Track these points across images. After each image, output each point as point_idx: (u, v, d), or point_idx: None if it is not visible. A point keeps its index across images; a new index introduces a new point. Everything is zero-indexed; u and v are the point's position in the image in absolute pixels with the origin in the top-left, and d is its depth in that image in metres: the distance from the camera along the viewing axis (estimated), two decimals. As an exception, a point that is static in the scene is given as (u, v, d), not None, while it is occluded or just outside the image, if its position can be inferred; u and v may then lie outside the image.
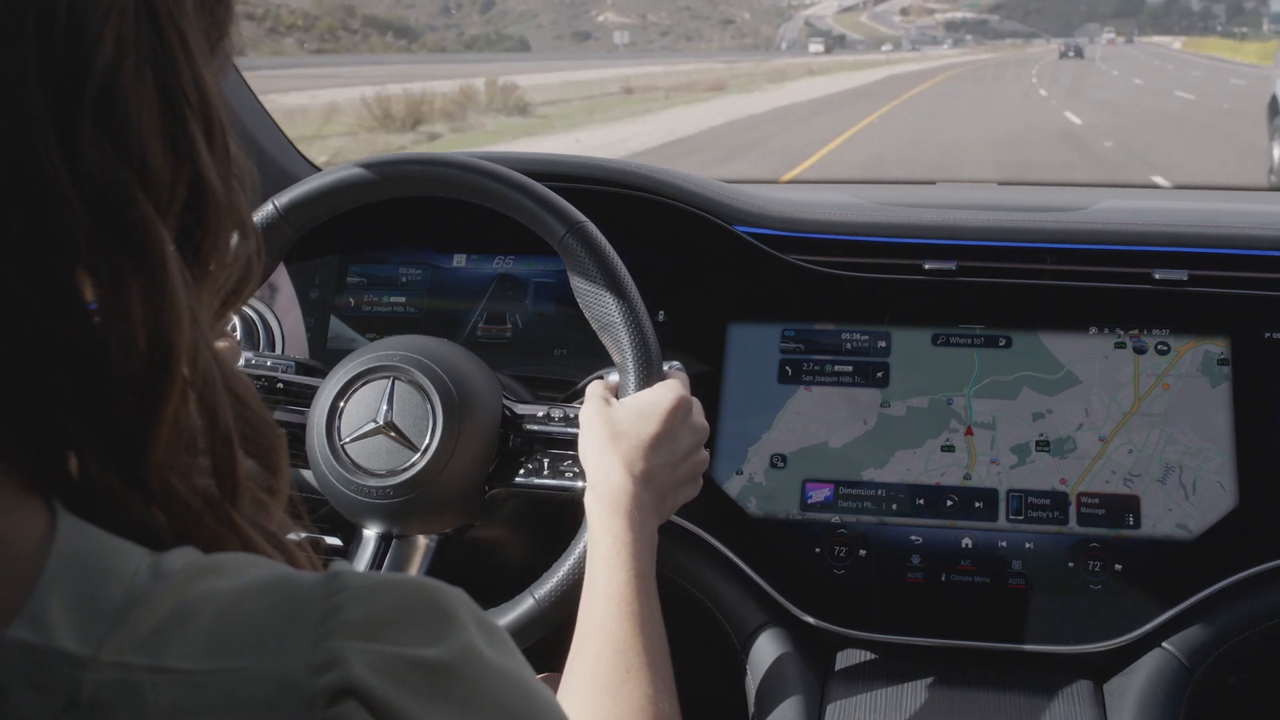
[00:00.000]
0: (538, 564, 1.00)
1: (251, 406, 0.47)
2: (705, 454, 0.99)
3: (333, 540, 1.14)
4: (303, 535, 0.51)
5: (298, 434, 1.04)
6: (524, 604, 0.98)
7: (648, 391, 0.97)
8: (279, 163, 1.46)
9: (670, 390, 0.96)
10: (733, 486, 1.15)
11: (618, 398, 0.98)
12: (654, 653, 0.83)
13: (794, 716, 1.04)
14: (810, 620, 1.11)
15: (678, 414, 0.94)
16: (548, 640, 0.96)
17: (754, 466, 1.16)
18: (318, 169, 1.49)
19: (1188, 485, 1.10)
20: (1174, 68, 37.68)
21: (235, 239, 0.47)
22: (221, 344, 0.47)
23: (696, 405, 0.98)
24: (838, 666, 1.12)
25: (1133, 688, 1.05)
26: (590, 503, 0.90)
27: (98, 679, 0.36)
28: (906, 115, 19.83)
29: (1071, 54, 50.54)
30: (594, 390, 0.98)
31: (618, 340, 0.99)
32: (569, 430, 1.01)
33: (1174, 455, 1.11)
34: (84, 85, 0.40)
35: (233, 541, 0.44)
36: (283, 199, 1.09)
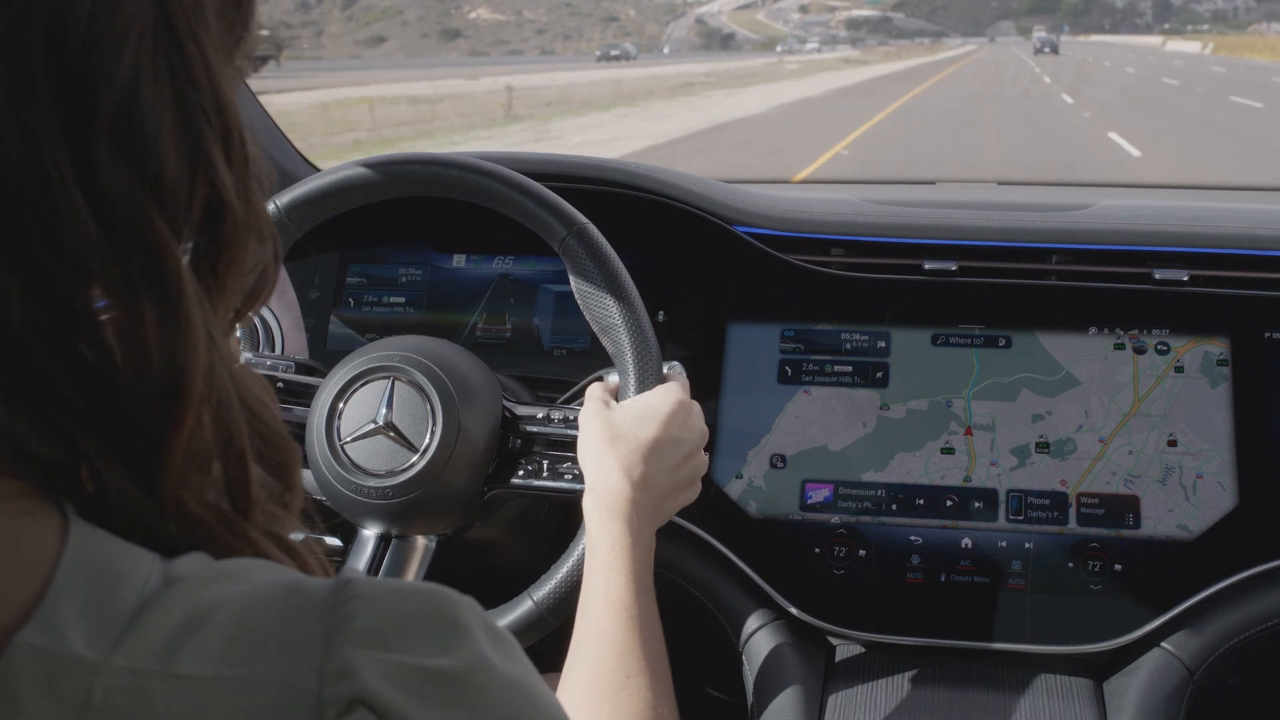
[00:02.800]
0: (536, 566, 1.00)
1: (265, 420, 0.47)
2: (704, 458, 0.98)
3: (333, 541, 1.14)
4: (303, 535, 0.51)
5: (297, 434, 1.04)
6: (523, 606, 0.98)
7: (647, 394, 0.97)
8: (278, 163, 1.46)
9: (670, 393, 0.96)
10: (733, 487, 1.15)
11: (617, 400, 0.98)
12: (652, 657, 0.83)
13: (794, 716, 1.04)
14: (810, 620, 1.11)
15: (677, 417, 0.94)
16: (547, 640, 0.96)
17: (754, 467, 1.16)
18: (317, 169, 1.49)
19: (1188, 486, 1.10)
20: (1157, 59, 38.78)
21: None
22: None
23: (696, 408, 0.98)
24: (837, 667, 1.11)
25: (1133, 688, 1.05)
26: (588, 506, 0.90)
27: (109, 684, 0.36)
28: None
29: (1047, 50, 49.96)
30: (593, 392, 0.98)
31: (618, 342, 0.99)
32: (568, 432, 1.01)
33: (1174, 456, 1.11)
34: (100, 104, 0.39)
35: (245, 551, 0.44)
36: (284, 198, 1.09)
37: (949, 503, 1.12)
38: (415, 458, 0.99)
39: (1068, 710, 1.04)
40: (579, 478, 0.98)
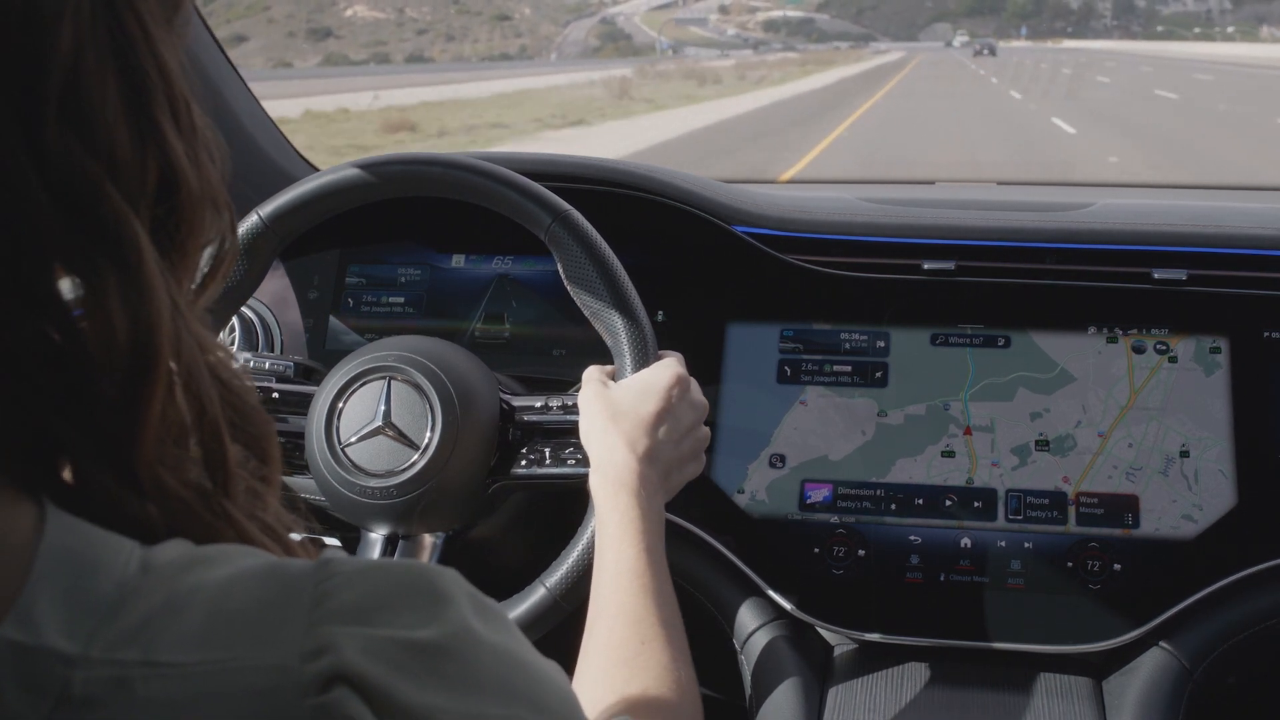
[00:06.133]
0: (541, 562, 1.00)
1: (238, 393, 0.47)
2: (706, 430, 0.98)
3: (333, 542, 1.14)
4: (303, 536, 0.50)
5: (297, 441, 1.04)
6: (536, 594, 0.98)
7: (645, 371, 0.97)
8: (277, 163, 1.46)
9: (667, 368, 0.96)
10: (732, 486, 1.15)
11: (615, 381, 0.98)
12: (668, 623, 0.82)
13: (792, 716, 1.04)
14: (809, 620, 1.11)
15: (676, 391, 0.94)
16: (551, 637, 0.96)
17: (754, 481, 1.15)
18: (315, 169, 1.49)
19: (1190, 475, 1.10)
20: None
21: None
22: None
23: (694, 383, 0.98)
24: (836, 667, 1.11)
25: (1132, 687, 1.05)
26: (595, 483, 0.90)
27: (88, 676, 0.36)
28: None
29: (986, 52, 51.73)
30: (591, 374, 0.98)
31: (611, 324, 0.99)
32: (568, 418, 1.02)
33: (1174, 445, 1.11)
34: (46, 81, 0.39)
35: (227, 533, 0.44)
36: (267, 209, 1.07)
37: (948, 503, 1.12)
38: (416, 456, 0.99)
39: (1067, 710, 1.04)
40: (582, 462, 0.99)
